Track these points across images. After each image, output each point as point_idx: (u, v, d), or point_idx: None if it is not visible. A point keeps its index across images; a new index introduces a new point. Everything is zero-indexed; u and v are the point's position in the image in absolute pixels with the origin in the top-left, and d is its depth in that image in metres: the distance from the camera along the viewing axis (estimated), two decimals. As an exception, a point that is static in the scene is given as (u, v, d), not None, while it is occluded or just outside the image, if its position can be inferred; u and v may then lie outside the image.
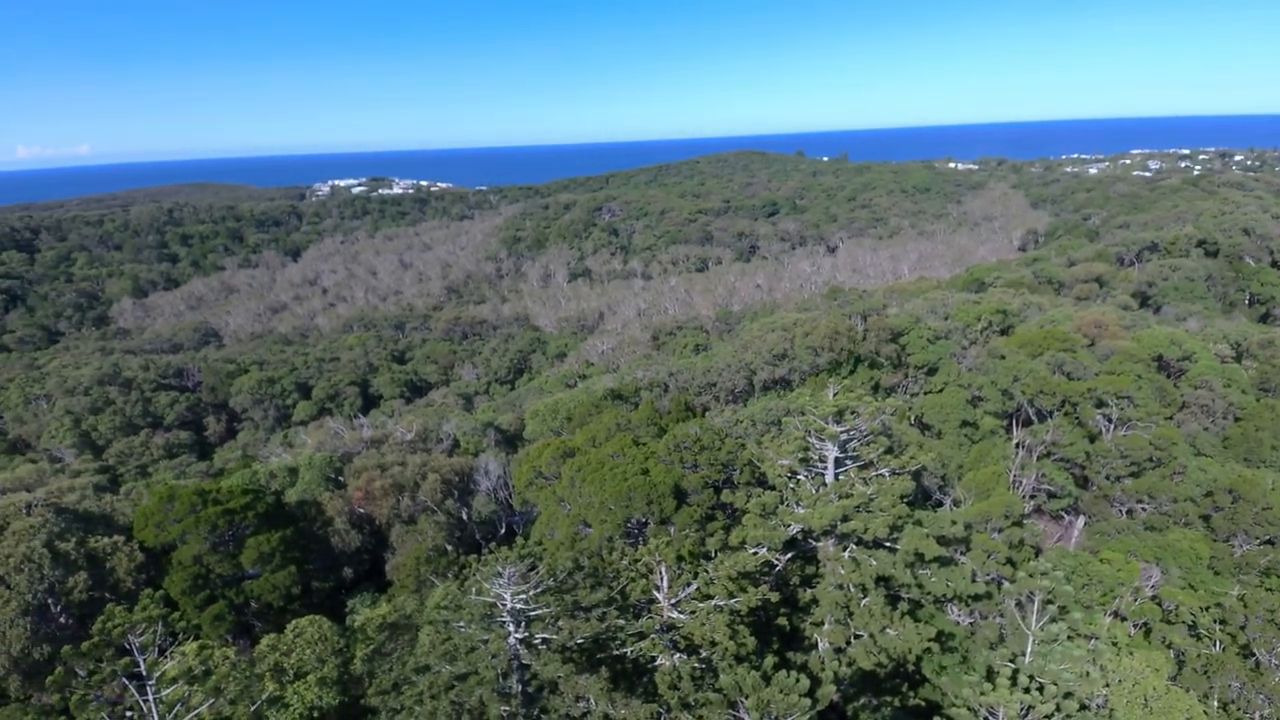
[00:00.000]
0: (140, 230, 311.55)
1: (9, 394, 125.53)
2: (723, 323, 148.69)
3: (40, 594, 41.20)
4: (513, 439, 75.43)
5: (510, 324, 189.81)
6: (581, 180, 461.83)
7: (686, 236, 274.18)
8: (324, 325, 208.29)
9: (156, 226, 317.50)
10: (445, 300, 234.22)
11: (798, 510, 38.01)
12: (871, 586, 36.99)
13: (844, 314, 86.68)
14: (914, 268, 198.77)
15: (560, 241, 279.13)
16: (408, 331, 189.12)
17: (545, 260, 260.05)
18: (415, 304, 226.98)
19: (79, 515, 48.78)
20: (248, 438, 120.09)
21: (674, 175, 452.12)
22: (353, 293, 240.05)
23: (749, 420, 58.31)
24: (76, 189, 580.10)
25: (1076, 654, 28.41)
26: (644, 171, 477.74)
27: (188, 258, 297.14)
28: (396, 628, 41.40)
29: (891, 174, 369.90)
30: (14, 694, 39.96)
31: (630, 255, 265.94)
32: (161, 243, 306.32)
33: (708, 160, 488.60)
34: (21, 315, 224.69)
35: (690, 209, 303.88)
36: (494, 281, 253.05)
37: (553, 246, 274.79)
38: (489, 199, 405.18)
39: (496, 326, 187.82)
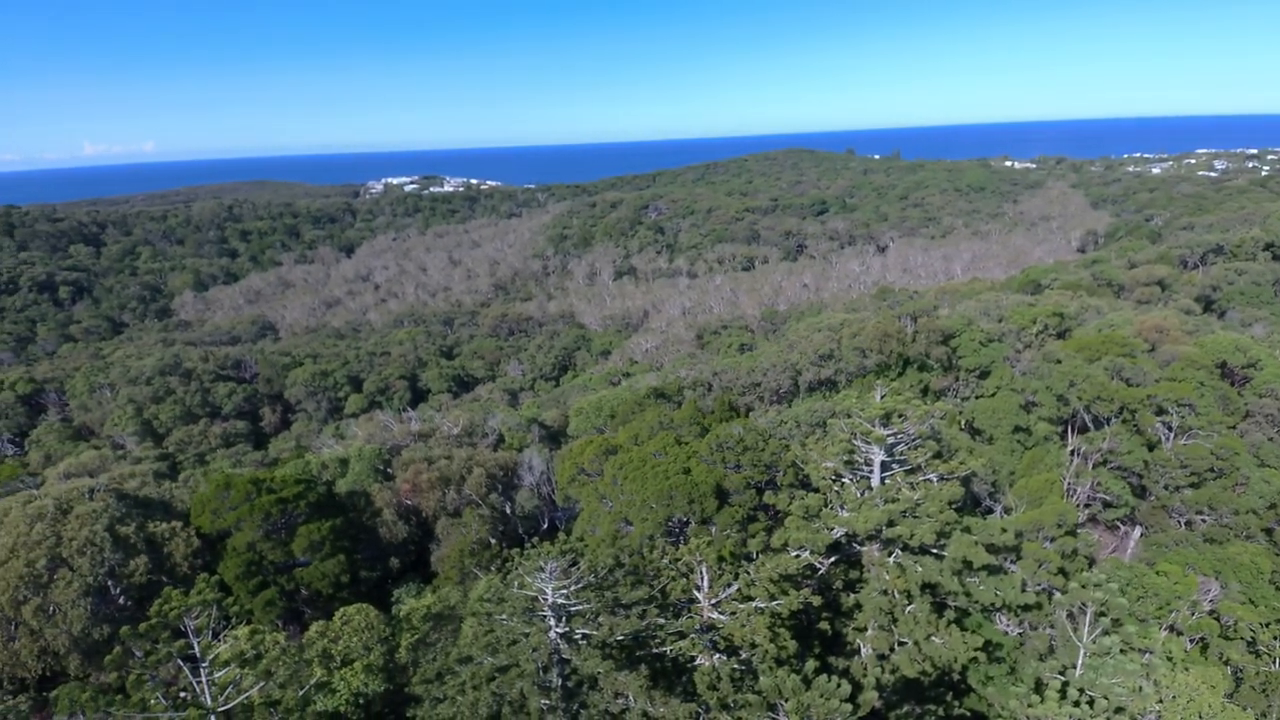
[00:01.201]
0: (201, 226, 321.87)
1: (75, 382, 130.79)
2: (768, 322, 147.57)
3: (101, 576, 42.80)
4: (556, 435, 75.98)
5: (556, 321, 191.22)
6: (629, 178, 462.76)
7: (733, 235, 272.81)
8: (375, 320, 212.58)
9: (217, 222, 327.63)
10: (493, 297, 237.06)
11: (842, 514, 37.53)
12: (917, 593, 36.35)
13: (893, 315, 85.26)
14: (967, 268, 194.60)
15: (606, 240, 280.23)
16: (456, 327, 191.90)
17: (591, 258, 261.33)
18: (464, 300, 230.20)
19: (139, 501, 50.54)
20: (301, 429, 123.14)
21: (721, 173, 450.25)
22: (404, 289, 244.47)
23: (793, 421, 57.77)
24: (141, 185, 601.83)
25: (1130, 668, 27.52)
26: (691, 170, 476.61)
27: (246, 253, 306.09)
28: (440, 618, 42.05)
29: (945, 172, 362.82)
30: (73, 672, 41.56)
31: (676, 254, 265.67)
32: (222, 238, 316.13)
33: (756, 158, 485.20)
34: (88, 306, 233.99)
35: (737, 207, 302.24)
36: (540, 279, 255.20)
37: (599, 244, 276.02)
38: (537, 197, 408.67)
39: (542, 323, 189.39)
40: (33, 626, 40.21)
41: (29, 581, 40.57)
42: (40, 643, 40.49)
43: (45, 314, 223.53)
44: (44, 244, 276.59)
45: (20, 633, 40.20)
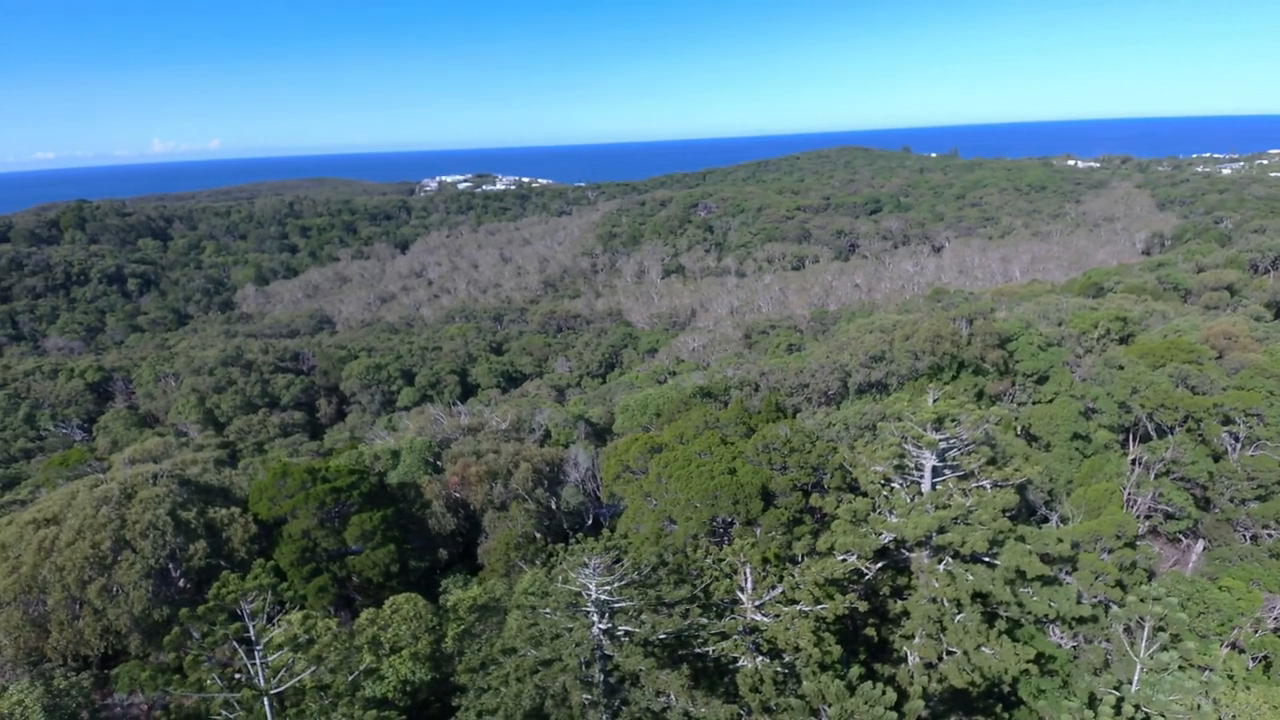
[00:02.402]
0: (263, 221, 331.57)
1: (141, 371, 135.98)
2: (818, 322, 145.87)
3: (162, 559, 44.36)
4: (602, 432, 76.28)
5: (603, 319, 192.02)
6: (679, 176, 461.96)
7: (783, 234, 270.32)
8: (428, 315, 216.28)
9: (278, 218, 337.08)
10: (542, 294, 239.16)
11: (891, 519, 36.91)
12: (967, 602, 35.55)
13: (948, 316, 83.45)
14: (1026, 270, 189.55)
15: (655, 238, 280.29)
16: (505, 323, 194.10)
17: (640, 256, 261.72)
18: (513, 297, 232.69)
19: (200, 487, 52.27)
20: (355, 420, 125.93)
21: (772, 171, 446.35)
22: (455, 285, 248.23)
23: (842, 424, 57.01)
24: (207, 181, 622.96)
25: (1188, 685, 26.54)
26: (742, 168, 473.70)
27: (306, 248, 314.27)
28: (486, 610, 42.61)
29: (1005, 171, 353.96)
30: (134, 651, 43.12)
31: (725, 252, 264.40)
32: (282, 233, 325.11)
33: (808, 156, 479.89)
34: (154, 298, 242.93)
35: (788, 206, 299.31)
36: (589, 276, 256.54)
37: (647, 243, 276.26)
38: (587, 195, 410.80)
39: (590, 321, 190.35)
40: (96, 606, 41.83)
41: (94, 562, 42.23)
42: (103, 622, 42.08)
43: (114, 305, 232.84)
44: (114, 237, 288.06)
45: (84, 612, 41.86)
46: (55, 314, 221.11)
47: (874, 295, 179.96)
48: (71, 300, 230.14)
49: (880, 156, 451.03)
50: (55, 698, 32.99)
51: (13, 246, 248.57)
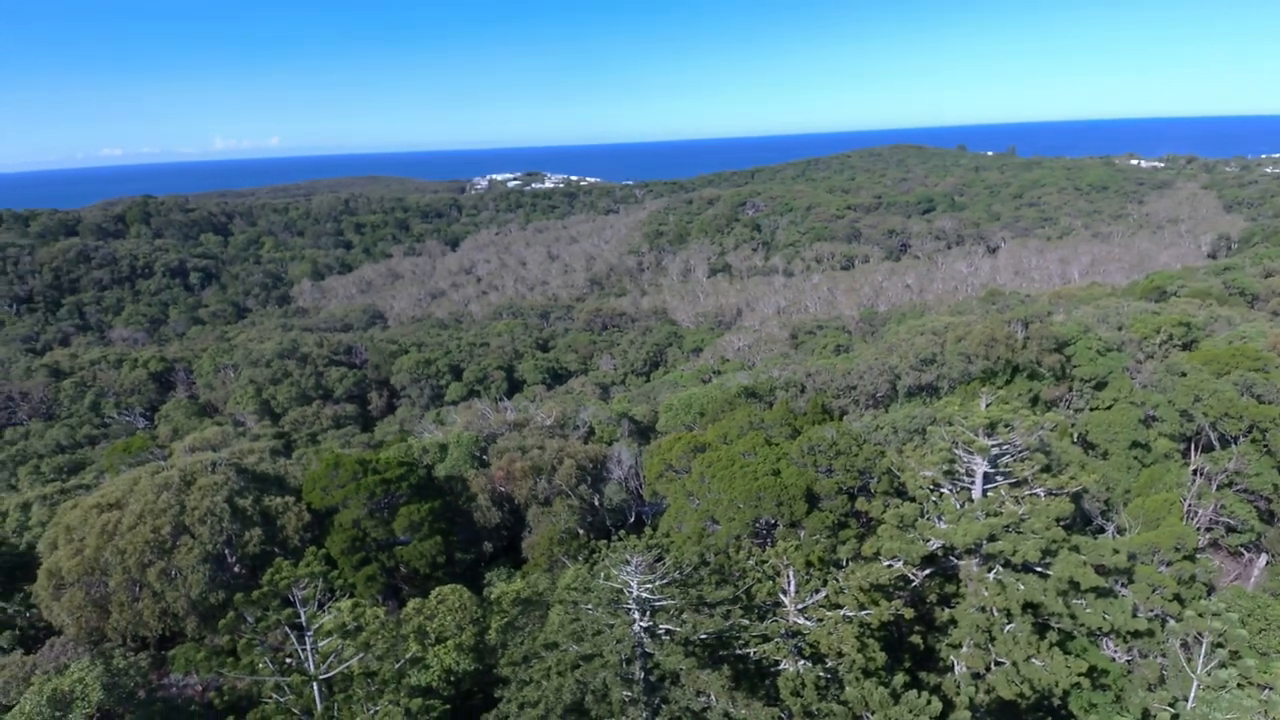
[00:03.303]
0: (320, 218, 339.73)
1: (202, 363, 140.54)
2: (867, 323, 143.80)
3: (219, 544, 45.78)
4: (645, 430, 76.36)
5: (649, 317, 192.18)
6: (727, 175, 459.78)
7: (833, 233, 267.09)
8: (476, 312, 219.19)
9: (334, 215, 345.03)
10: (588, 292, 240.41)
11: (939, 525, 36.22)
12: (1018, 612, 34.70)
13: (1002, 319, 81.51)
14: (1085, 272, 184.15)
15: (702, 236, 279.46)
16: (552, 321, 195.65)
17: (686, 255, 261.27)
18: (560, 294, 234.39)
19: (256, 476, 53.77)
20: (405, 413, 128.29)
21: (822, 170, 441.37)
22: (504, 282, 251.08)
23: (890, 427, 56.13)
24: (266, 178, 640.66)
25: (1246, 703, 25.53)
26: (791, 166, 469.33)
27: (360, 245, 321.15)
28: (529, 603, 43.01)
29: (1064, 170, 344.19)
30: (190, 634, 44.56)
31: (772, 251, 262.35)
32: (338, 230, 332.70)
33: (859, 154, 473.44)
34: (215, 292, 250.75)
35: (838, 205, 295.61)
36: (635, 275, 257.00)
37: (694, 241, 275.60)
38: (634, 193, 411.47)
39: (635, 319, 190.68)
40: (155, 589, 43.31)
41: (154, 546, 43.74)
42: (161, 604, 43.56)
43: (177, 298, 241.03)
44: (177, 232, 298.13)
45: (144, 594, 43.38)
46: (120, 306, 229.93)
47: (925, 296, 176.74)
48: (136, 293, 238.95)
49: (934, 155, 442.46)
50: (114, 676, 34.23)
51: (81, 240, 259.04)
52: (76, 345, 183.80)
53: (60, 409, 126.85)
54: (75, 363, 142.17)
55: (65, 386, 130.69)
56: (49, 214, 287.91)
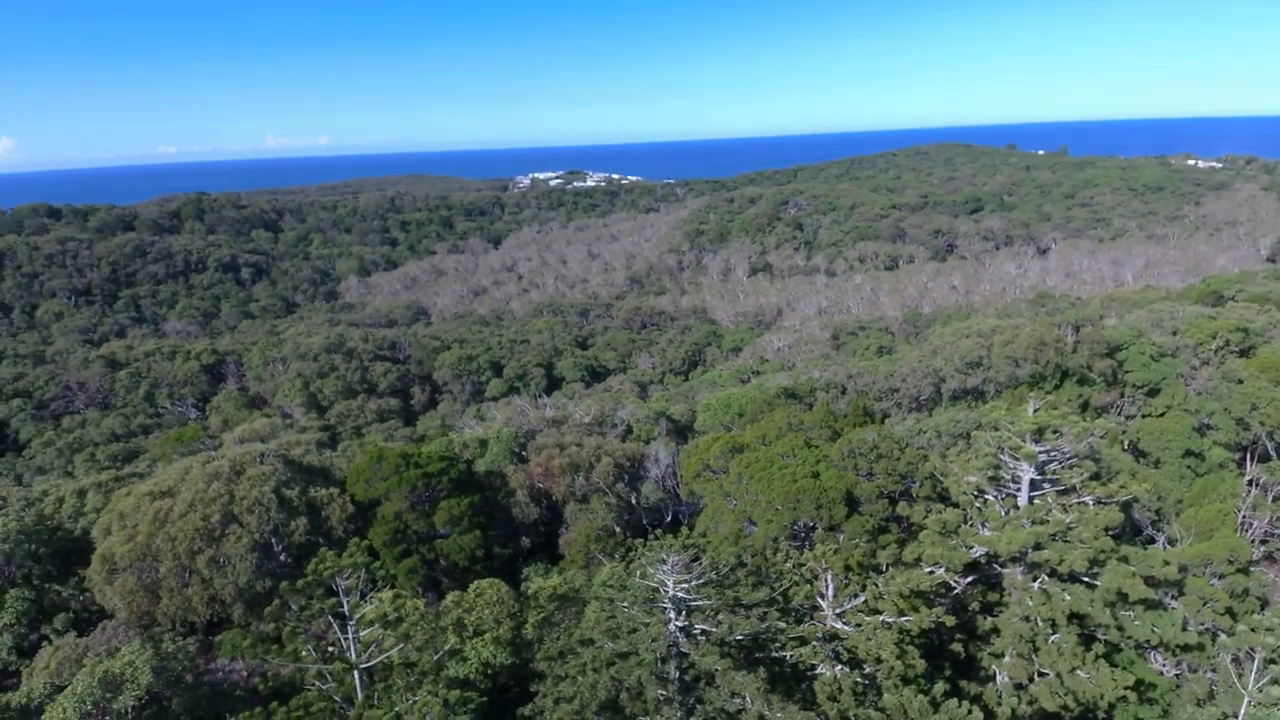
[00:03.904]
0: (367, 216, 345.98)
1: (252, 355, 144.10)
2: (910, 325, 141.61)
3: (266, 534, 46.86)
4: (683, 430, 76.21)
5: (688, 316, 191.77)
6: (769, 174, 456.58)
7: (877, 233, 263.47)
8: (517, 309, 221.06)
9: (380, 213, 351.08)
10: (628, 290, 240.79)
11: (983, 532, 35.53)
12: (1063, 623, 33.90)
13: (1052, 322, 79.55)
14: (1139, 275, 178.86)
15: (743, 235, 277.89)
16: (591, 319, 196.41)
17: (726, 254, 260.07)
18: (600, 293, 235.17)
19: (302, 467, 54.95)
20: (446, 408, 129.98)
21: (867, 168, 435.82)
22: (544, 279, 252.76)
23: (934, 431, 55.18)
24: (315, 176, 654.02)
25: (1309, 727, 24.54)
26: (835, 165, 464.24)
27: (405, 242, 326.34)
28: (565, 599, 43.23)
29: (1118, 170, 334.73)
30: (236, 620, 45.67)
31: (814, 251, 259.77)
32: (384, 227, 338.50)
33: (905, 153, 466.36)
34: (265, 287, 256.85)
35: (883, 204, 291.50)
36: (675, 274, 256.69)
37: (735, 240, 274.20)
38: (675, 192, 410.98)
39: (674, 318, 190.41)
40: (204, 575, 44.50)
41: (204, 534, 44.95)
42: (210, 591, 44.73)
43: (229, 292, 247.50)
44: (229, 228, 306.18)
45: (193, 580, 44.60)
46: (174, 299, 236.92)
47: (972, 298, 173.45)
48: (190, 287, 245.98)
49: (983, 153, 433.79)
50: (163, 660, 35.21)
51: (137, 235, 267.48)
52: (132, 337, 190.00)
53: (116, 399, 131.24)
54: (130, 354, 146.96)
55: (121, 377, 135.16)
56: (107, 209, 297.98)
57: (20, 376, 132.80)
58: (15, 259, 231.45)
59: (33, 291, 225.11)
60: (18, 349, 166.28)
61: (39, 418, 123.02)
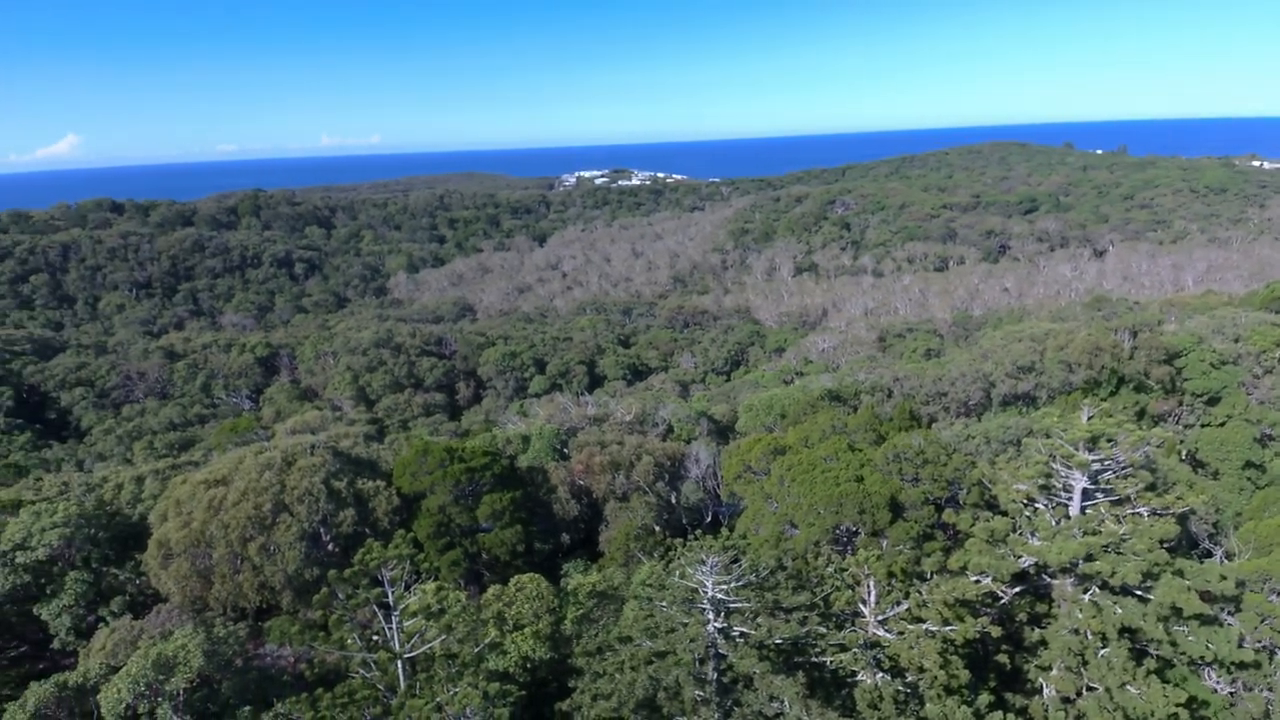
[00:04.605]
0: (416, 213, 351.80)
1: (304, 349, 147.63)
2: (960, 327, 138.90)
3: (315, 523, 47.97)
4: (724, 430, 75.93)
5: (731, 315, 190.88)
6: (816, 172, 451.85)
7: (926, 233, 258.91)
8: (561, 306, 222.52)
9: (429, 210, 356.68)
10: (671, 289, 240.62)
11: (1032, 541, 34.73)
12: (1114, 636, 32.97)
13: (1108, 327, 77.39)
14: (1200, 279, 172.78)
15: (788, 235, 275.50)
16: (634, 317, 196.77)
17: (771, 253, 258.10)
18: (643, 291, 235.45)
19: (351, 459, 56.12)
20: (490, 404, 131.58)
21: (918, 167, 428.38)
22: (588, 278, 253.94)
23: (982, 437, 54.10)
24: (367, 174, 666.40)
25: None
26: (885, 163, 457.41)
27: (453, 239, 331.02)
28: (604, 596, 43.42)
29: (1180, 170, 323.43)
30: (285, 607, 46.83)
31: (862, 250, 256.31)
32: (433, 225, 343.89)
33: (958, 151, 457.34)
34: (318, 282, 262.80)
35: (933, 203, 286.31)
36: (718, 273, 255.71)
37: (780, 239, 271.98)
38: (720, 191, 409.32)
39: (717, 317, 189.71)
40: (255, 562, 45.74)
41: (255, 522, 46.20)
42: (260, 578, 45.95)
43: (283, 287, 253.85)
44: (284, 225, 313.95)
45: (244, 567, 45.87)
46: (231, 293, 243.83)
47: (1025, 300, 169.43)
48: (246, 281, 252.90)
49: (1038, 152, 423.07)
50: (214, 644, 36.26)
51: (196, 230, 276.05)
52: (190, 329, 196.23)
53: (174, 389, 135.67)
54: (188, 346, 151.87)
55: (179, 368, 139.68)
56: (167, 205, 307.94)
57: (83, 366, 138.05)
58: (79, 252, 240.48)
59: (96, 284, 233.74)
60: (81, 339, 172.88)
61: (100, 406, 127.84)
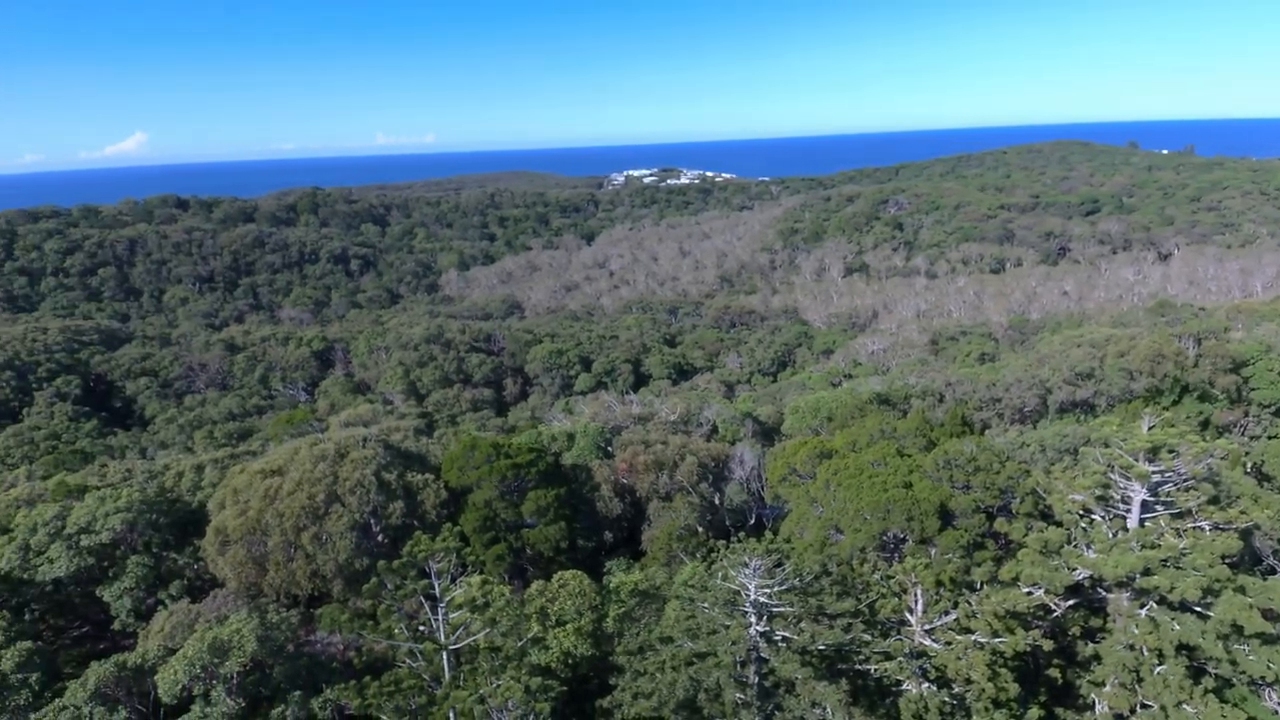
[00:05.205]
0: (467, 211, 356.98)
1: (358, 344, 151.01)
2: (1016, 331, 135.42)
3: (366, 514, 49.08)
4: (770, 432, 75.36)
5: (778, 316, 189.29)
6: (869, 171, 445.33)
7: (982, 234, 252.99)
8: (608, 305, 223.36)
9: (480, 209, 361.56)
10: (718, 289, 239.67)
11: (1088, 554, 33.74)
12: (1170, 653, 31.85)
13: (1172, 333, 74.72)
14: (1270, 285, 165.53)
15: (839, 234, 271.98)
16: (680, 316, 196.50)
17: (821, 253, 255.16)
18: (689, 290, 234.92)
19: (401, 452, 57.25)
20: (536, 401, 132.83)
21: (974, 166, 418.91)
22: (635, 276, 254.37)
23: (1037, 445, 52.68)
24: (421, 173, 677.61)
25: None
26: (940, 162, 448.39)
27: (503, 238, 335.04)
28: (646, 595, 43.51)
29: (1249, 172, 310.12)
30: (336, 596, 48.02)
31: (915, 252, 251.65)
32: (483, 223, 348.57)
33: (1016, 150, 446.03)
34: (372, 278, 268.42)
35: (990, 204, 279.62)
36: (766, 273, 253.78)
37: (830, 239, 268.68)
38: (770, 190, 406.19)
39: (764, 318, 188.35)
40: (308, 551, 46.97)
41: (309, 512, 47.45)
42: (312, 566, 47.18)
43: (339, 282, 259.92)
44: (341, 222, 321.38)
45: (298, 555, 47.13)
46: (289, 288, 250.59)
47: (1085, 304, 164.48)
48: (303, 276, 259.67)
49: (1101, 152, 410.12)
50: (267, 630, 37.37)
51: (257, 227, 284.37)
52: (250, 323, 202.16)
53: (233, 380, 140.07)
54: (248, 339, 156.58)
55: (238, 360, 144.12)
56: (230, 202, 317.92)
57: (148, 357, 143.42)
58: (146, 246, 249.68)
59: (161, 277, 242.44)
60: (146, 331, 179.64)
61: (164, 395, 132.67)
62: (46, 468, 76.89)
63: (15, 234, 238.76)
